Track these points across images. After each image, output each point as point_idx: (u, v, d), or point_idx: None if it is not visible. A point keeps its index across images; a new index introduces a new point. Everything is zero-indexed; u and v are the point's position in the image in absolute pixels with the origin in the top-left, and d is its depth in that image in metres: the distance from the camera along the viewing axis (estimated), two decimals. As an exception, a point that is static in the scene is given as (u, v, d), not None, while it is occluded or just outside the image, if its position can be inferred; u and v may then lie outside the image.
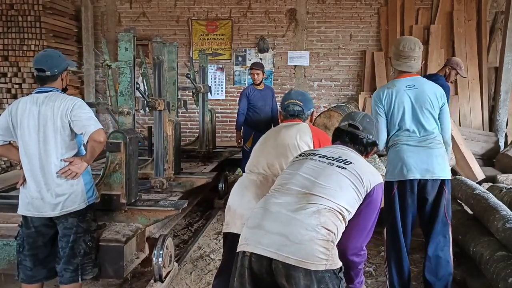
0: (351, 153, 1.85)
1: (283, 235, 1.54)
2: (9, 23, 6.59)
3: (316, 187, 1.68)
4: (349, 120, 1.95)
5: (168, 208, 2.98)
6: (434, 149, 2.64)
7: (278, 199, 1.69)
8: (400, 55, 2.71)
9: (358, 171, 1.73)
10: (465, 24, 6.98)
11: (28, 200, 2.40)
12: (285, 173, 1.84)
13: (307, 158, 1.83)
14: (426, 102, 2.67)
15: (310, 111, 2.45)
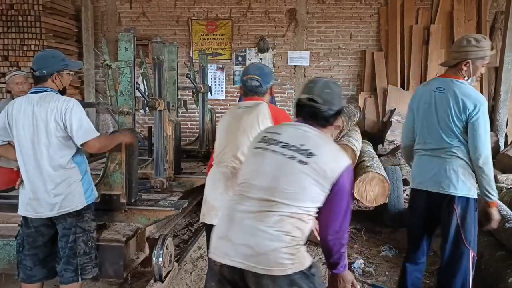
0: (314, 137, 1.70)
1: (248, 246, 1.57)
2: (9, 23, 6.59)
3: (278, 192, 1.61)
4: (308, 93, 1.76)
5: (168, 208, 2.98)
6: (447, 161, 2.39)
7: (241, 206, 1.65)
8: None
9: (321, 164, 1.62)
10: (465, 24, 6.98)
11: (26, 201, 2.40)
12: (248, 168, 1.75)
13: (268, 147, 1.70)
14: (446, 110, 2.38)
15: (269, 85, 2.41)
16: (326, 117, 1.75)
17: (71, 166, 2.42)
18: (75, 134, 2.37)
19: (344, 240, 1.73)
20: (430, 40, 6.95)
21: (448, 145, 2.39)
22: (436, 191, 2.41)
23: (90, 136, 2.40)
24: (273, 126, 1.89)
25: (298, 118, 1.79)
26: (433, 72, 6.94)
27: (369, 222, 4.65)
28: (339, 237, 1.70)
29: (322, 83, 1.77)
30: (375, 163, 4.32)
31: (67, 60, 2.52)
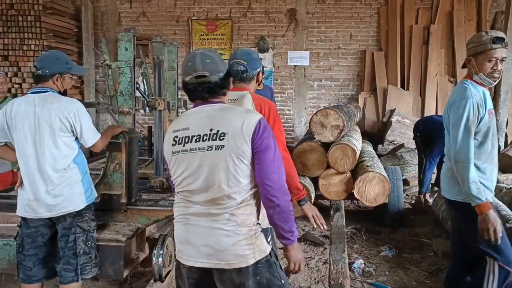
0: (217, 113, 1.65)
1: (208, 246, 1.62)
2: (9, 23, 6.59)
3: (217, 189, 1.60)
4: (192, 72, 1.67)
5: (168, 208, 2.98)
6: (444, 165, 2.44)
7: (191, 209, 1.66)
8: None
9: (236, 138, 1.58)
10: (465, 24, 6.98)
11: (25, 201, 2.40)
12: (178, 177, 1.68)
13: (185, 148, 1.64)
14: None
15: (256, 71, 2.28)
16: (221, 85, 1.69)
17: (72, 167, 2.42)
18: (85, 136, 2.41)
19: (286, 195, 1.65)
20: (430, 40, 6.95)
21: (447, 148, 2.39)
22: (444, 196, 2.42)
23: (97, 137, 2.48)
24: (177, 121, 1.74)
25: (196, 102, 1.72)
26: (433, 72, 6.95)
27: (369, 222, 4.65)
28: (282, 190, 1.63)
29: (200, 56, 1.69)
30: (375, 163, 4.32)
31: (71, 63, 2.52)
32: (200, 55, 1.70)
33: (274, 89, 7.64)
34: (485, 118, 2.24)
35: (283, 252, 1.76)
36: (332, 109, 4.17)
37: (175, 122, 1.74)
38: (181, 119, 1.73)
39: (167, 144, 1.71)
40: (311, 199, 3.77)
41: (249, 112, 1.70)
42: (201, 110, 1.69)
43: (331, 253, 3.08)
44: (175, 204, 1.76)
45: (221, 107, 1.69)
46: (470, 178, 2.16)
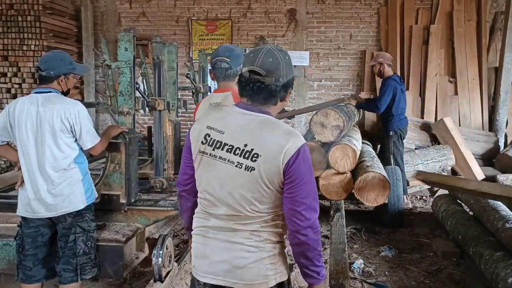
0: (257, 129, 1.45)
1: (226, 262, 1.48)
2: (9, 23, 6.58)
3: (240, 205, 1.46)
4: (248, 65, 1.47)
5: (168, 208, 2.98)
6: None
7: (210, 221, 1.52)
8: None
9: (269, 163, 1.41)
10: (465, 24, 6.98)
11: (26, 201, 2.40)
12: (201, 179, 1.54)
13: (215, 153, 1.47)
14: None
15: (240, 67, 2.11)
16: (273, 92, 1.47)
17: (73, 167, 2.43)
18: (84, 139, 2.42)
19: (318, 232, 1.49)
20: (430, 40, 6.94)
21: None
22: None
23: (96, 140, 2.49)
24: (214, 114, 1.53)
25: (243, 98, 1.52)
26: (433, 72, 6.94)
27: (369, 222, 4.65)
28: (313, 228, 1.46)
29: (265, 52, 1.46)
30: (375, 163, 4.32)
31: (74, 63, 2.54)
32: (266, 51, 1.47)
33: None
34: None
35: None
36: (332, 109, 4.17)
37: (212, 114, 1.53)
38: (219, 114, 1.52)
39: (197, 135, 1.52)
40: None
41: (291, 135, 1.44)
42: (242, 115, 1.48)
43: (331, 253, 3.08)
44: (196, 212, 1.60)
45: (264, 120, 1.47)
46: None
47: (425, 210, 5.21)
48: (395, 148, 4.95)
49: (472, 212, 3.97)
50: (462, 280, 3.31)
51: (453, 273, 3.46)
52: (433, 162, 5.89)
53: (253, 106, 1.49)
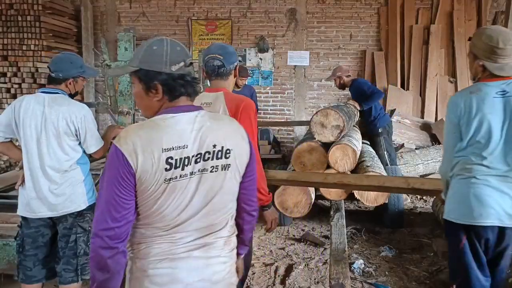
0: (214, 122, 1.37)
1: (204, 280, 1.36)
2: (9, 23, 6.58)
3: (215, 216, 1.38)
4: (184, 57, 1.37)
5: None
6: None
7: (179, 242, 1.35)
8: (498, 54, 1.97)
9: (240, 157, 1.40)
10: (465, 24, 6.98)
11: (26, 200, 2.40)
12: (165, 210, 1.31)
13: (183, 172, 1.30)
14: None
15: (233, 65, 2.15)
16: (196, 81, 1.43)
17: (74, 167, 2.43)
18: (88, 143, 2.44)
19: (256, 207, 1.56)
20: (430, 40, 6.95)
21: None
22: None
23: (100, 144, 2.50)
24: (163, 134, 1.28)
25: (181, 98, 1.36)
26: (433, 72, 6.94)
27: (369, 222, 4.65)
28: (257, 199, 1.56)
29: (171, 43, 1.38)
30: (375, 163, 4.31)
31: (84, 67, 2.55)
32: (174, 42, 1.39)
33: (274, 89, 7.65)
34: None
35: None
36: (332, 109, 4.16)
37: (157, 136, 1.28)
38: (168, 132, 1.29)
39: (151, 167, 1.25)
40: (311, 199, 3.76)
41: (234, 119, 1.51)
42: (191, 119, 1.34)
43: (331, 253, 3.07)
44: (150, 242, 1.34)
45: (211, 114, 1.42)
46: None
47: (425, 210, 5.21)
48: (387, 144, 5.00)
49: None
50: (462, 280, 3.31)
51: None
52: (433, 162, 5.89)
53: (191, 105, 1.38)
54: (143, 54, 1.34)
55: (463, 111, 2.01)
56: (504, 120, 1.95)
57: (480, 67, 2.03)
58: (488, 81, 2.01)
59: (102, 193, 1.28)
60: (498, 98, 1.96)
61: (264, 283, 3.32)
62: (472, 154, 2.00)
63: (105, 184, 1.27)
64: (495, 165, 1.95)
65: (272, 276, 3.42)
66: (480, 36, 2.03)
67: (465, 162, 2.02)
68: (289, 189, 3.58)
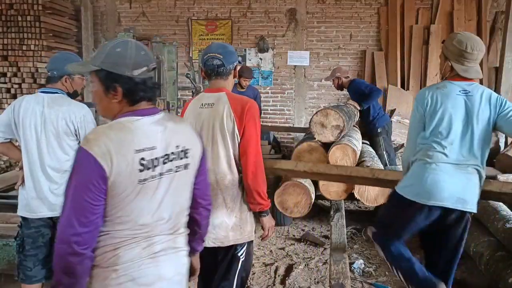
0: (174, 124, 1.44)
1: (180, 274, 1.48)
2: (9, 23, 6.58)
3: (180, 216, 1.48)
4: (150, 62, 1.40)
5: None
6: (472, 176, 2.20)
7: (155, 240, 1.39)
8: (466, 58, 2.22)
9: (197, 155, 1.49)
10: (465, 24, 6.98)
11: (26, 200, 2.40)
12: (142, 209, 1.35)
13: (154, 173, 1.34)
14: (478, 118, 2.19)
15: (233, 65, 2.12)
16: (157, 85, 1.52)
17: None
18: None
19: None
20: (430, 40, 6.94)
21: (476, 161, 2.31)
22: (461, 208, 2.20)
23: None
24: (130, 137, 1.30)
25: (141, 103, 1.39)
26: (433, 72, 6.94)
27: (369, 222, 4.64)
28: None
29: (136, 45, 1.41)
30: (375, 163, 4.31)
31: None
32: (135, 44, 1.40)
33: (274, 89, 7.65)
34: None
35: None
36: (332, 109, 4.16)
37: (128, 137, 1.30)
38: (138, 134, 1.32)
39: (126, 167, 1.27)
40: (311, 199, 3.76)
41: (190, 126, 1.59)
42: (156, 122, 1.38)
43: (331, 253, 3.07)
44: (127, 245, 1.34)
45: (168, 115, 1.46)
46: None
47: (425, 210, 5.20)
48: (386, 144, 5.00)
49: (472, 212, 3.97)
50: (462, 280, 3.31)
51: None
52: (433, 162, 5.87)
53: (153, 108, 1.42)
54: (106, 55, 1.34)
55: (429, 104, 2.25)
56: (464, 116, 2.20)
57: (448, 68, 2.28)
58: (453, 80, 2.26)
59: (70, 197, 1.26)
60: (460, 96, 2.22)
61: (264, 283, 3.32)
62: (434, 142, 2.22)
63: (73, 188, 1.25)
64: (452, 155, 2.18)
65: (272, 276, 3.42)
66: (452, 40, 2.26)
67: (427, 149, 2.23)
68: (289, 189, 3.58)
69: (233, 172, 2.07)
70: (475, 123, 2.18)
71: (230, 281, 2.15)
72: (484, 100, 2.19)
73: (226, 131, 2.03)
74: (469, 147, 2.19)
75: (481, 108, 2.18)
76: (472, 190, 2.18)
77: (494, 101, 2.20)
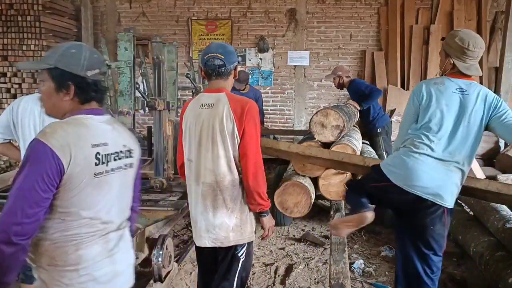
0: (119, 125, 1.53)
1: (129, 265, 1.60)
2: (9, 23, 6.59)
3: (125, 213, 1.55)
4: (100, 65, 1.47)
5: (167, 208, 2.98)
6: (453, 173, 2.24)
7: (110, 238, 1.45)
8: (467, 55, 2.23)
9: (137, 153, 1.58)
10: (465, 24, 6.98)
11: None
12: (98, 202, 1.39)
13: (108, 168, 1.40)
14: (471, 117, 2.21)
15: (233, 65, 2.11)
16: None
17: None
18: None
19: None
20: (430, 40, 6.94)
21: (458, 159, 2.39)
22: (440, 202, 2.24)
23: None
24: (84, 132, 1.36)
25: (91, 103, 1.44)
26: (433, 72, 6.94)
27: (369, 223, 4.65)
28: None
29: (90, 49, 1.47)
30: (375, 163, 4.31)
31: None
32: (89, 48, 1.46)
33: (274, 89, 7.66)
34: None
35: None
36: (332, 109, 4.16)
37: (82, 132, 1.35)
38: (93, 130, 1.38)
39: (83, 160, 1.31)
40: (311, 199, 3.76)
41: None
42: (106, 121, 1.46)
43: (331, 253, 3.07)
44: (85, 242, 1.36)
45: (113, 118, 1.55)
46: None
47: (425, 210, 5.20)
48: (386, 144, 5.00)
49: (472, 212, 3.96)
50: (462, 280, 3.31)
51: (453, 273, 3.45)
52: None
53: (102, 109, 1.49)
54: (61, 55, 1.37)
55: (425, 97, 2.28)
56: (458, 114, 2.22)
57: (450, 65, 2.28)
58: (453, 77, 2.28)
59: (18, 186, 1.25)
60: (456, 94, 2.23)
61: (264, 283, 3.32)
62: (423, 134, 2.25)
63: (23, 177, 1.24)
64: (438, 150, 2.21)
65: (272, 276, 3.42)
66: (454, 37, 2.27)
67: (415, 139, 2.27)
68: (289, 189, 3.58)
69: (233, 172, 2.07)
70: (467, 122, 2.20)
71: (230, 281, 2.15)
72: (479, 100, 2.20)
73: (226, 132, 2.02)
74: (457, 145, 2.21)
75: (475, 108, 2.20)
76: (449, 187, 2.21)
77: (489, 102, 2.21)
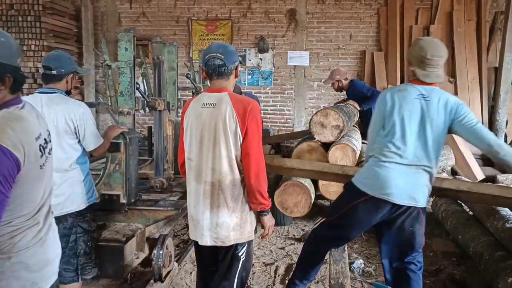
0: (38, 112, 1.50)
1: (58, 254, 1.58)
2: (9, 23, 6.60)
3: (51, 199, 1.51)
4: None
5: (168, 208, 2.99)
6: (422, 175, 2.33)
7: (44, 224, 1.45)
8: (426, 63, 2.29)
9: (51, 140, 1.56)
10: (465, 24, 6.99)
11: None
12: (44, 191, 1.42)
13: (47, 160, 1.42)
14: (433, 122, 2.29)
15: (234, 65, 2.10)
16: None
17: (74, 167, 2.43)
18: (87, 140, 2.43)
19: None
20: (430, 40, 6.95)
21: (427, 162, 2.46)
22: (414, 205, 2.39)
23: (99, 142, 2.50)
24: (31, 124, 1.36)
25: (17, 95, 1.41)
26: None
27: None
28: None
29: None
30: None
31: (75, 63, 2.57)
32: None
33: (274, 89, 7.66)
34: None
35: None
36: (332, 109, 4.17)
37: (29, 126, 1.34)
38: (30, 123, 1.35)
39: (36, 158, 1.33)
40: (311, 199, 3.77)
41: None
42: (31, 108, 1.42)
43: (331, 253, 3.08)
44: (15, 236, 1.33)
45: (27, 103, 1.45)
46: None
47: (425, 210, 5.20)
48: None
49: (472, 212, 3.97)
50: (462, 280, 3.32)
51: (453, 273, 3.46)
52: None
53: (19, 96, 1.40)
54: None
55: (389, 104, 2.36)
56: (420, 120, 2.29)
57: (411, 72, 2.38)
58: (415, 84, 2.36)
59: None
60: (418, 100, 2.31)
61: (264, 283, 3.33)
62: (390, 142, 2.33)
63: None
64: (406, 155, 2.28)
65: (272, 276, 3.43)
66: (414, 46, 2.37)
67: (383, 148, 2.35)
68: (289, 189, 3.59)
69: (234, 172, 2.08)
70: (430, 127, 2.28)
71: (230, 281, 2.16)
72: (440, 105, 2.29)
73: (228, 132, 2.03)
74: (423, 149, 2.29)
75: (436, 113, 2.28)
76: (419, 189, 2.33)
77: (449, 107, 2.29)
